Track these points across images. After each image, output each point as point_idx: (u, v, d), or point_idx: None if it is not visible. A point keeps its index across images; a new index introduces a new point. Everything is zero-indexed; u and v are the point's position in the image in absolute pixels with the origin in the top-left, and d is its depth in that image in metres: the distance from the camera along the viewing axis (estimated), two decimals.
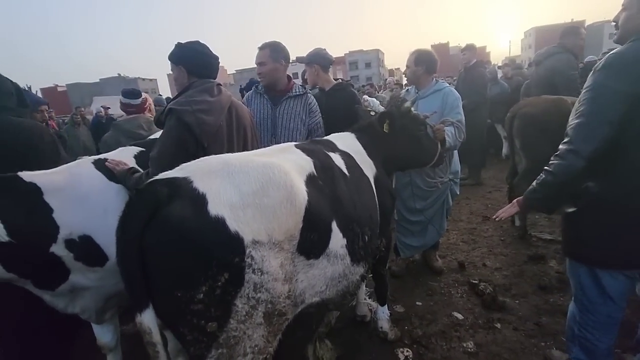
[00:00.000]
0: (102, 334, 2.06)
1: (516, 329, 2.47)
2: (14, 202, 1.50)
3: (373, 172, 2.03)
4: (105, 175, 1.90)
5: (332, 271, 1.51)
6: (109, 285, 1.77)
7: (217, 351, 1.14)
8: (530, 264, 3.29)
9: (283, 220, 1.23)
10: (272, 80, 2.65)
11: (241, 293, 1.13)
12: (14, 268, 1.48)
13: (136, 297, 1.08)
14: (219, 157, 1.36)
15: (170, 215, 1.08)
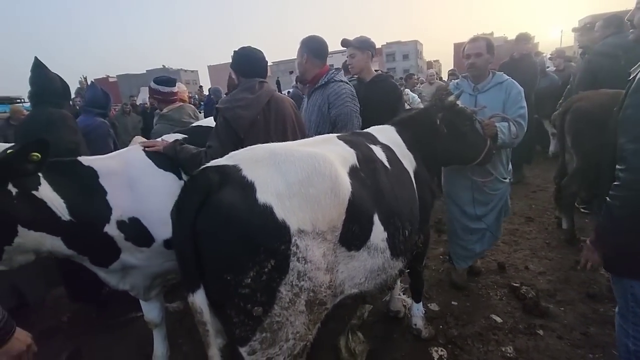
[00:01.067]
0: (149, 310, 2.21)
1: (560, 337, 2.35)
2: (74, 183, 1.63)
3: (413, 166, 2.00)
4: (154, 161, 2.01)
5: (372, 264, 1.52)
6: (155, 265, 1.89)
7: (261, 335, 1.18)
8: (577, 270, 3.09)
9: (327, 210, 1.25)
10: (302, 72, 2.70)
11: (286, 280, 1.16)
12: (73, 245, 1.62)
13: (189, 279, 1.14)
14: (265, 146, 1.39)
15: (221, 202, 1.13)
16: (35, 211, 1.47)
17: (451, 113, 2.24)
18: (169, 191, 1.92)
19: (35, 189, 1.49)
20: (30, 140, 1.36)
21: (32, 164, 1.36)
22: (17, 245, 1.43)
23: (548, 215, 4.29)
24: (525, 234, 3.89)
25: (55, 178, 1.58)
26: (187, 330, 2.80)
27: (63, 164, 1.67)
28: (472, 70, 2.71)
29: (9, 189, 1.40)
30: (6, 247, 1.41)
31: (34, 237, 1.48)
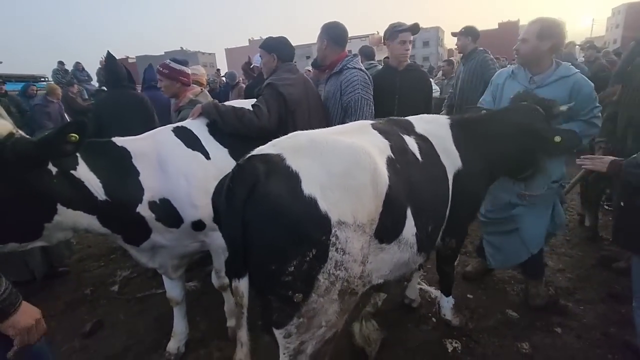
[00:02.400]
0: (172, 289, 2.28)
1: (579, 336, 2.31)
2: (109, 164, 1.67)
3: (456, 164, 1.86)
4: (184, 142, 2.03)
5: (399, 258, 1.53)
6: (183, 246, 1.93)
7: (298, 320, 1.22)
8: (599, 268, 3.02)
9: (366, 203, 1.26)
10: (319, 58, 2.71)
11: (324, 269, 1.19)
12: (108, 224, 1.67)
13: (236, 266, 1.18)
14: (306, 134, 1.40)
15: (269, 193, 1.14)
16: (73, 190, 1.51)
17: (549, 124, 1.99)
18: (198, 172, 1.95)
19: (74, 169, 1.54)
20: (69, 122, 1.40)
21: (70, 145, 1.39)
22: (56, 222, 1.48)
23: (570, 212, 4.17)
24: None
25: (92, 158, 1.62)
26: (204, 309, 2.88)
27: (99, 144, 1.72)
28: (517, 58, 2.41)
29: (49, 168, 1.44)
30: (46, 224, 1.47)
31: (72, 216, 1.53)
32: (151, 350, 2.44)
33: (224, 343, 2.44)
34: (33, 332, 1.18)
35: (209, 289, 3.12)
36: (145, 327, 2.71)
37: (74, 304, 3.06)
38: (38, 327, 1.20)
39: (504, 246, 2.60)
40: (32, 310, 1.20)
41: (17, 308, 1.14)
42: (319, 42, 2.67)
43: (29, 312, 1.18)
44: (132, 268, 3.63)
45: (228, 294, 2.49)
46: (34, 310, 1.21)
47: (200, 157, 2.04)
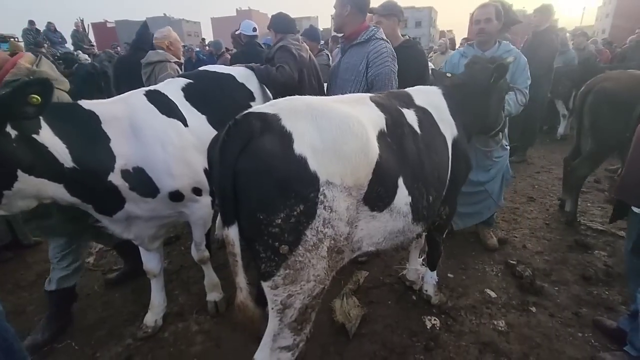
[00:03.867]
0: (149, 260, 2.20)
1: (552, 315, 2.38)
2: (76, 128, 1.54)
3: (453, 133, 1.96)
4: (157, 107, 1.90)
5: (393, 226, 1.56)
6: (159, 216, 1.84)
7: (285, 271, 1.26)
8: (575, 252, 3.10)
9: (355, 168, 1.30)
10: (340, 25, 2.56)
11: (312, 225, 1.24)
12: (77, 193, 1.55)
13: (226, 214, 1.21)
14: (304, 98, 1.43)
15: (261, 148, 1.19)
16: (35, 156, 1.39)
17: (502, 80, 2.20)
18: (175, 140, 1.84)
19: (36, 133, 1.40)
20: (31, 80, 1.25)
21: (31, 107, 1.26)
22: (17, 190, 1.36)
23: (550, 197, 4.26)
24: (525, 213, 3.87)
25: (57, 122, 1.48)
26: (183, 283, 2.82)
27: (64, 107, 1.58)
28: (481, 35, 2.75)
29: (7, 131, 1.31)
30: (5, 192, 1.35)
31: (35, 183, 1.41)
32: (127, 322, 2.39)
33: (203, 317, 2.41)
34: None
35: (188, 263, 3.08)
36: (121, 299, 2.64)
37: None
38: None
39: (477, 209, 3.08)
40: None
41: None
42: (339, 8, 2.52)
43: None
44: None
45: (208, 267, 2.44)
46: None
47: (178, 124, 1.93)
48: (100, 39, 30.13)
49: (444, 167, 1.85)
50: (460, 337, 2.23)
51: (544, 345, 2.15)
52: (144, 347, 2.19)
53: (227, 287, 2.57)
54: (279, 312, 1.33)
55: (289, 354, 1.42)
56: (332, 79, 2.78)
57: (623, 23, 29.26)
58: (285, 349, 1.40)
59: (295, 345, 1.42)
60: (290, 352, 1.42)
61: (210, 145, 1.38)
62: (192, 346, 2.19)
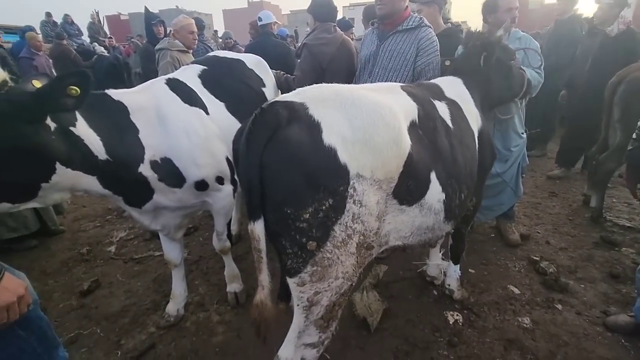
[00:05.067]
0: (170, 250, 2.21)
1: (579, 313, 2.32)
2: (108, 120, 1.53)
3: (478, 125, 1.89)
4: (180, 96, 1.89)
5: (421, 222, 1.51)
6: (186, 206, 1.84)
7: (312, 268, 1.21)
8: (601, 248, 3.01)
9: (387, 160, 1.24)
10: (390, 12, 2.38)
11: (341, 220, 1.18)
12: (109, 185, 1.55)
13: (252, 208, 1.15)
14: (331, 86, 1.36)
15: (289, 139, 1.13)
16: (73, 148, 1.38)
17: (500, 49, 2.12)
18: (199, 129, 1.83)
19: (73, 125, 1.39)
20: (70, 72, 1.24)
21: (70, 99, 1.24)
22: (54, 182, 1.35)
23: (573, 192, 4.14)
24: (547, 208, 3.78)
25: (90, 113, 1.47)
26: (203, 273, 2.84)
27: (94, 98, 1.55)
28: (514, 23, 2.70)
29: (48, 123, 1.30)
30: (43, 184, 1.34)
31: (71, 176, 1.40)
32: (150, 311, 2.41)
33: (223, 308, 2.43)
34: (14, 309, 1.03)
35: (207, 253, 3.10)
36: (143, 288, 2.68)
37: (70, 263, 3.00)
38: (21, 303, 1.06)
39: (496, 201, 3.00)
40: (15, 284, 1.04)
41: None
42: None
43: (12, 287, 1.02)
44: (128, 230, 3.58)
45: (229, 257, 2.44)
46: (17, 284, 1.05)
47: (200, 112, 1.92)
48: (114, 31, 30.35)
49: (475, 164, 1.79)
50: (484, 333, 2.19)
51: (571, 343, 2.09)
52: (167, 335, 2.21)
53: (246, 278, 2.58)
54: (305, 309, 1.30)
55: (314, 351, 1.39)
56: (365, 67, 2.61)
57: None
58: (310, 346, 1.37)
59: (320, 343, 1.39)
60: (315, 350, 1.39)
61: (235, 137, 1.35)
62: (213, 336, 2.20)
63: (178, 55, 3.46)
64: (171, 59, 3.40)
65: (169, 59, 3.39)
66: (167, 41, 3.54)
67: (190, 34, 3.56)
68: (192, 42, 3.60)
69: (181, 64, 3.35)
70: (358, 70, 2.73)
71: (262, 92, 2.56)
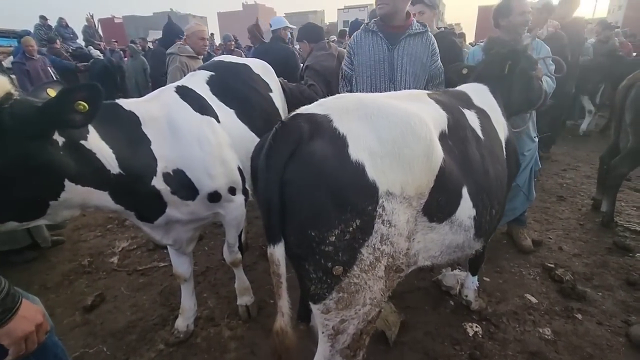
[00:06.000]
0: (179, 264, 2.12)
1: (600, 323, 2.26)
2: (120, 131, 1.45)
3: (505, 134, 1.81)
4: (190, 104, 1.82)
5: (451, 240, 1.41)
6: (198, 219, 1.76)
7: (338, 294, 1.13)
8: (615, 254, 2.97)
9: (417, 175, 1.15)
10: (392, 11, 2.30)
11: (368, 242, 1.10)
12: (121, 200, 1.46)
13: (271, 230, 1.07)
14: (355, 96, 1.27)
15: (313, 154, 1.05)
16: (84, 163, 1.29)
17: (524, 59, 2.06)
18: (211, 138, 1.76)
19: (84, 138, 1.30)
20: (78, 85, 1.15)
21: (78, 115, 1.15)
22: (63, 200, 1.26)
23: (581, 196, 4.12)
24: (557, 213, 3.74)
25: (102, 125, 1.38)
26: (211, 285, 2.75)
27: (105, 108, 1.45)
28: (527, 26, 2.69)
29: (55, 138, 1.20)
30: (51, 202, 1.25)
31: (81, 192, 1.31)
32: (158, 326, 2.32)
33: (235, 322, 2.34)
34: (33, 339, 0.96)
35: (214, 264, 3.01)
36: (149, 302, 2.58)
37: (72, 276, 2.90)
38: (39, 332, 0.98)
39: (509, 205, 2.86)
40: (33, 313, 0.97)
41: (15, 314, 0.92)
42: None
43: (30, 315, 0.96)
44: (131, 239, 3.47)
45: (239, 269, 2.36)
46: (34, 312, 0.98)
47: (212, 121, 1.85)
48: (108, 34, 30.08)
49: (505, 175, 1.71)
50: (505, 345, 2.12)
51: (596, 356, 2.03)
52: (177, 353, 2.12)
53: (257, 289, 2.50)
54: (331, 338, 1.21)
55: None
56: (375, 72, 2.41)
57: (636, 15, 28.42)
58: None
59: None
60: None
61: (254, 152, 1.27)
62: (226, 353, 2.12)
63: (187, 60, 3.45)
64: (180, 64, 3.39)
65: (178, 64, 3.39)
66: (178, 46, 3.53)
67: (201, 40, 3.57)
68: (202, 48, 3.59)
69: (189, 69, 3.31)
70: (359, 75, 2.48)
71: (270, 97, 2.49)
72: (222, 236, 3.31)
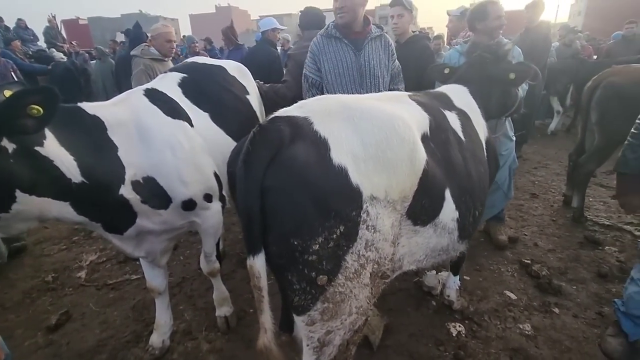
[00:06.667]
0: (154, 277, 2.00)
1: (576, 316, 2.33)
2: (83, 136, 1.34)
3: (485, 135, 1.81)
4: (161, 108, 1.72)
5: (436, 243, 1.39)
6: (171, 228, 1.66)
7: (323, 305, 1.08)
8: (587, 248, 3.08)
9: (401, 178, 1.11)
10: (353, 18, 2.30)
11: (353, 249, 1.06)
12: (85, 211, 1.35)
13: (252, 240, 1.02)
14: (336, 97, 1.23)
15: (294, 158, 1.01)
16: (39, 172, 1.17)
17: (505, 64, 2.07)
18: (184, 143, 1.67)
19: (40, 144, 1.18)
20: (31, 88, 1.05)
21: (31, 120, 1.04)
22: (15, 212, 1.15)
23: (552, 193, 4.27)
24: (531, 210, 3.85)
25: (62, 130, 1.27)
26: (187, 297, 2.63)
27: (66, 111, 1.34)
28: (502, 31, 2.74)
29: (4, 145, 1.08)
30: (2, 215, 1.13)
31: (37, 203, 1.20)
32: (131, 344, 2.18)
33: (213, 334, 2.23)
34: None
35: (190, 274, 2.88)
36: (121, 317, 2.43)
37: (34, 293, 2.69)
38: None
39: (489, 203, 2.86)
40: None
41: None
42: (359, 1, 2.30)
43: None
44: (99, 252, 3.28)
45: (217, 279, 2.26)
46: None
47: (184, 125, 1.76)
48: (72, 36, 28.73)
49: (487, 177, 1.71)
50: (488, 343, 2.14)
51: (574, 348, 2.08)
52: None
53: (235, 299, 2.40)
54: (316, 351, 1.17)
55: None
56: (344, 78, 2.38)
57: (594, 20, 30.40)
58: None
59: None
60: None
61: (231, 158, 1.22)
62: None
63: (152, 63, 3.30)
64: (144, 67, 3.25)
65: (142, 66, 3.25)
66: (141, 48, 3.38)
67: (168, 42, 3.40)
68: (168, 50, 3.43)
69: (156, 72, 3.17)
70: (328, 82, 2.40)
71: (247, 100, 2.42)
72: (198, 244, 3.19)
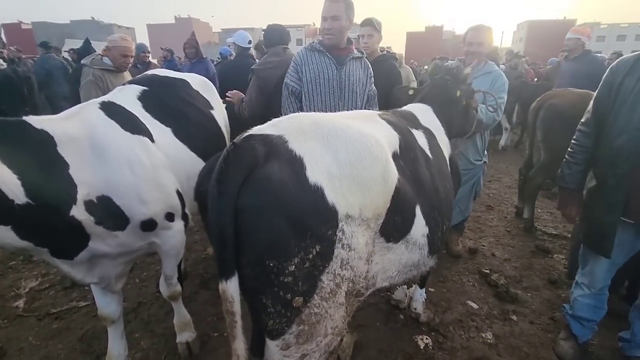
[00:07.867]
0: (107, 304, 1.83)
1: (532, 322, 2.46)
2: (28, 154, 1.21)
3: (449, 152, 1.88)
4: (118, 122, 1.61)
5: (407, 259, 1.41)
6: (129, 251, 1.53)
7: (299, 327, 1.05)
8: (538, 257, 3.30)
9: (375, 196, 1.12)
10: (339, 40, 2.38)
11: (329, 269, 1.05)
12: (29, 235, 1.21)
13: (224, 263, 0.97)
14: (309, 115, 1.22)
15: (269, 178, 0.98)
16: None
17: (464, 87, 2.17)
18: (144, 160, 1.57)
19: None
20: None
21: None
22: None
23: (505, 205, 4.55)
24: (487, 221, 4.07)
25: (3, 145, 1.15)
26: (143, 323, 2.43)
27: (9, 124, 1.22)
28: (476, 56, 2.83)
29: None
30: None
31: None
32: None
33: None
34: None
35: (147, 298, 2.69)
36: (66, 350, 2.18)
37: None
38: None
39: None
40: None
41: None
42: (345, 20, 2.33)
43: None
44: (41, 277, 2.96)
45: (179, 303, 2.12)
46: None
47: (144, 140, 1.66)
48: (14, 41, 26.56)
49: (452, 193, 1.77)
50: (453, 354, 2.18)
51: (531, 354, 2.19)
52: None
53: (198, 323, 2.27)
54: None
55: None
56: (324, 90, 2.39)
57: (534, 47, 33.85)
58: None
59: None
60: None
61: (201, 177, 1.16)
62: None
63: (102, 74, 3.13)
64: (94, 78, 3.07)
65: (92, 77, 3.07)
66: (92, 58, 3.21)
67: (124, 57, 3.21)
68: (122, 65, 3.24)
69: (107, 83, 3.01)
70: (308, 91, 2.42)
71: (212, 115, 2.35)
72: (156, 265, 3.01)
